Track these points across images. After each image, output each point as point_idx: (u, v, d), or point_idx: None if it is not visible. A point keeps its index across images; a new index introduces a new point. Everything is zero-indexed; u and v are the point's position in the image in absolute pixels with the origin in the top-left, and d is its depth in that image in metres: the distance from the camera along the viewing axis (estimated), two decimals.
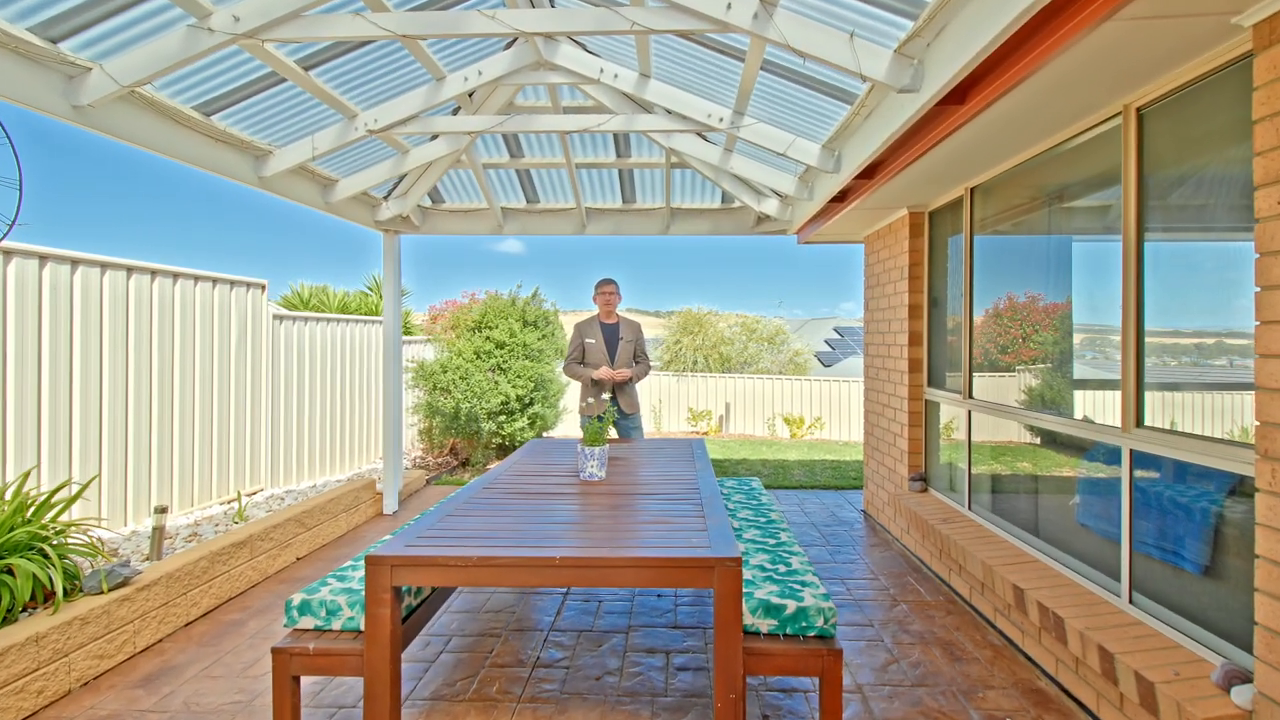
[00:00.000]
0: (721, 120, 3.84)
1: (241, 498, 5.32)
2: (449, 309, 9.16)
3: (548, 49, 3.89)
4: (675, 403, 13.06)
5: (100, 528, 3.96)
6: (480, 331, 8.29)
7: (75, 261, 4.34)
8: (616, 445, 4.33)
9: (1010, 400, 3.71)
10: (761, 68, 3.40)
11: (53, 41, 2.70)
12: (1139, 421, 2.61)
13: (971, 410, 4.11)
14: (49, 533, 3.06)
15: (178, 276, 5.18)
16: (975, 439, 4.09)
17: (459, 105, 4.63)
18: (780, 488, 6.83)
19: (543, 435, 8.48)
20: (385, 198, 5.66)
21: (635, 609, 3.60)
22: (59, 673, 2.73)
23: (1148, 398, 2.60)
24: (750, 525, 3.34)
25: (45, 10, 2.56)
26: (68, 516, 3.85)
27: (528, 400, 7.96)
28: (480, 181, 5.38)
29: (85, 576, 3.06)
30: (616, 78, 3.86)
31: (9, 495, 3.16)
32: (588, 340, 4.93)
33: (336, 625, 2.37)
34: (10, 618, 2.74)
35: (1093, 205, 3.02)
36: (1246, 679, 2.03)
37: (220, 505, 5.43)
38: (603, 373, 4.76)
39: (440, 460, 8.40)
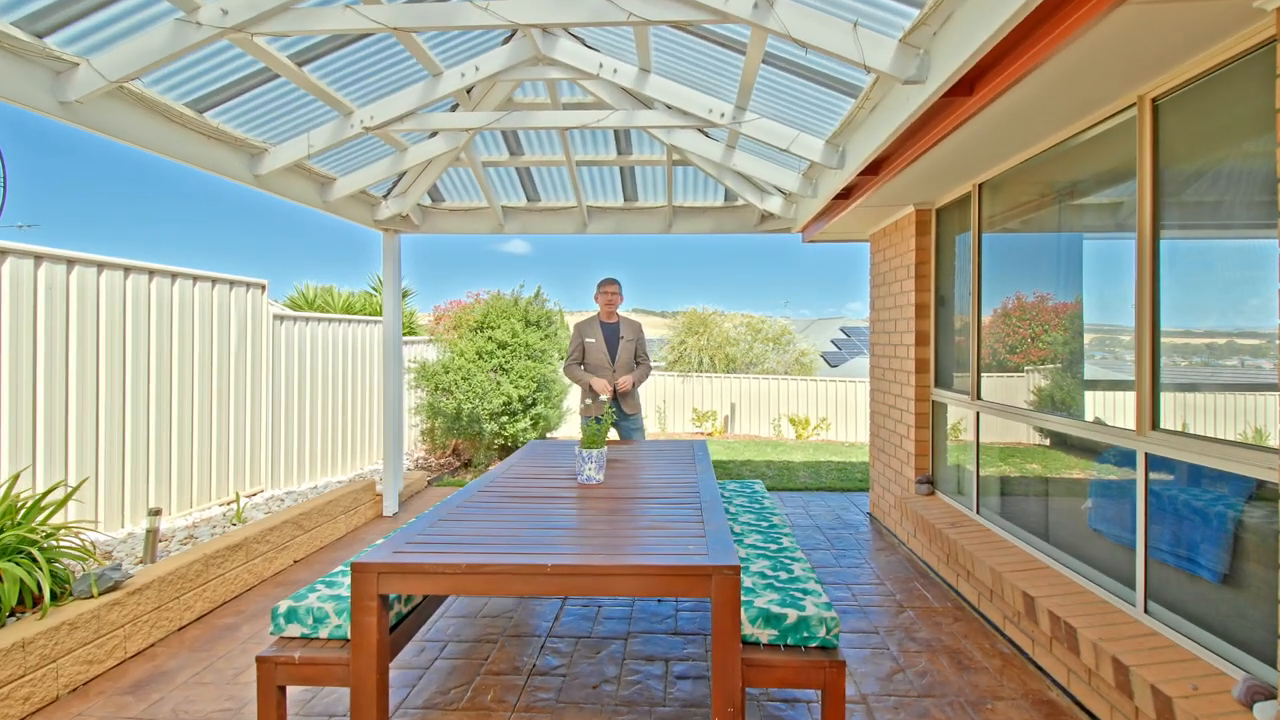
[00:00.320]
0: (723, 115, 3.77)
1: (240, 499, 5.28)
2: (453, 309, 9.11)
3: (546, 43, 3.82)
4: (680, 403, 12.98)
5: (94, 530, 3.93)
6: (482, 332, 8.24)
7: (71, 261, 4.30)
8: (616, 447, 4.25)
9: (1019, 401, 3.62)
10: (763, 61, 3.32)
11: (39, 36, 2.65)
12: (1155, 424, 2.52)
13: (980, 412, 4.01)
14: (39, 536, 3.02)
15: (176, 276, 5.14)
16: (983, 441, 3.99)
17: (457, 102, 4.56)
18: (785, 490, 6.73)
19: (545, 436, 8.43)
20: (384, 196, 5.61)
21: (635, 614, 3.53)
22: (46, 679, 2.68)
23: (1163, 399, 2.51)
24: (751, 530, 3.25)
25: (30, 4, 2.51)
26: (62, 518, 3.81)
27: (530, 401, 7.90)
28: (480, 180, 5.32)
29: (75, 580, 3.01)
30: (616, 73, 3.79)
31: None
32: (588, 340, 4.86)
33: (324, 633, 2.30)
34: None
35: (1105, 202, 2.92)
36: (1270, 695, 1.94)
37: (220, 507, 5.38)
38: (601, 386, 4.69)
39: (443, 461, 8.35)
